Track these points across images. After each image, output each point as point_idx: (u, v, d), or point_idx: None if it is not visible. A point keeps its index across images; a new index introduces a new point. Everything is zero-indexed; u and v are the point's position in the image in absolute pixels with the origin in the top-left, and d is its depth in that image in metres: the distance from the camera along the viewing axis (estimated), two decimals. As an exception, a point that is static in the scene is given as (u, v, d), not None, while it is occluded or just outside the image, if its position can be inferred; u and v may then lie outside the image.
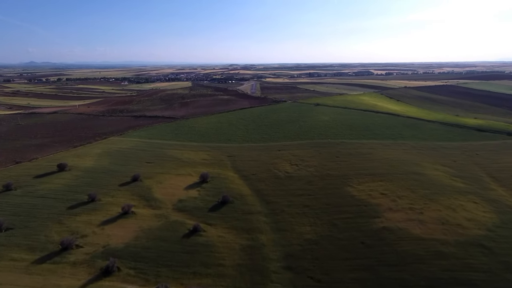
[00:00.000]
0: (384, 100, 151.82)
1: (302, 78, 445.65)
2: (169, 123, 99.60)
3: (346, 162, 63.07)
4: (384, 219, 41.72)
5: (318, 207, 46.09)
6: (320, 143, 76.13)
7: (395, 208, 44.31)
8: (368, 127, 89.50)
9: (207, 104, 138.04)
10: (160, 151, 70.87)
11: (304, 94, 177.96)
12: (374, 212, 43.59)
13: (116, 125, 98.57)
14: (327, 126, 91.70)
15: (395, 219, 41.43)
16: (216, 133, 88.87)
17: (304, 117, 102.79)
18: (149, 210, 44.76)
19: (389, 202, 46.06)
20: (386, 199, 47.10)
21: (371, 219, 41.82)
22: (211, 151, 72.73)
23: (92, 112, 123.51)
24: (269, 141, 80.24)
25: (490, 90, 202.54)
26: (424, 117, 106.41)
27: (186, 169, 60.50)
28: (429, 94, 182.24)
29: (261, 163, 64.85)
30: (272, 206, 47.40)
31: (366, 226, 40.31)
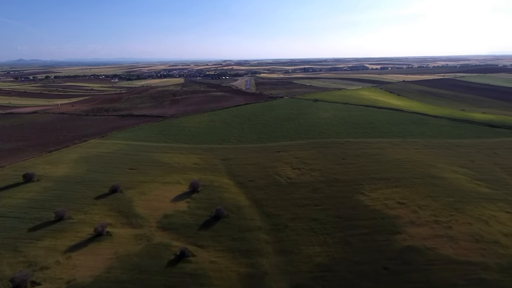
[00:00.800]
0: (385, 94, 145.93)
1: (297, 73, 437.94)
2: (157, 123, 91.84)
3: (354, 164, 56.59)
4: (406, 235, 35.35)
5: (328, 221, 39.54)
6: (323, 142, 69.53)
7: (418, 222, 37.99)
8: (373, 124, 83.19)
9: (199, 101, 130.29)
10: (146, 155, 63.43)
11: (301, 90, 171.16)
12: (393, 227, 37.21)
13: (99, 126, 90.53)
14: (328, 123, 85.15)
15: (420, 235, 35.10)
16: (208, 133, 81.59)
17: (303, 114, 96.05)
18: (128, 230, 37.64)
19: (410, 214, 39.75)
20: (406, 209, 40.78)
21: (392, 236, 35.42)
22: (203, 154, 65.57)
23: (75, 112, 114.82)
24: (267, 141, 73.38)
25: (489, 83, 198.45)
26: (430, 112, 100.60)
27: (175, 176, 53.32)
28: (429, 88, 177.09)
29: (259, 167, 58.02)
30: (274, 220, 40.71)
31: (387, 245, 33.88)
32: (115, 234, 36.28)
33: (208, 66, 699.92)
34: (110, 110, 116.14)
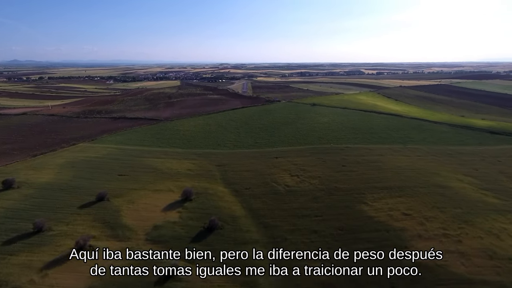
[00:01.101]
0: (383, 99, 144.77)
1: (294, 77, 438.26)
2: (151, 126, 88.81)
3: (355, 172, 54.26)
4: (414, 250, 32.95)
5: (329, 233, 37.00)
6: (322, 148, 67.21)
7: (426, 235, 35.64)
8: (372, 130, 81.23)
9: (194, 104, 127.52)
10: (137, 160, 60.39)
11: (298, 94, 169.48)
12: (400, 240, 34.81)
13: (90, 129, 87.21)
14: (327, 128, 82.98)
15: (429, 250, 32.70)
16: (203, 137, 78.80)
17: (301, 119, 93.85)
18: (113, 243, 34.62)
19: (416, 226, 37.40)
20: (412, 221, 38.44)
21: (399, 251, 32.98)
22: (198, 160, 62.72)
23: (66, 113, 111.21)
24: (264, 147, 70.83)
25: (485, 90, 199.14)
26: (429, 117, 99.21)
27: (166, 183, 50.39)
28: (427, 94, 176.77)
29: (256, 173, 55.37)
30: (272, 231, 38.03)
31: (395, 263, 31.38)
32: (99, 248, 33.21)
33: (205, 69, 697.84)
34: (103, 112, 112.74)
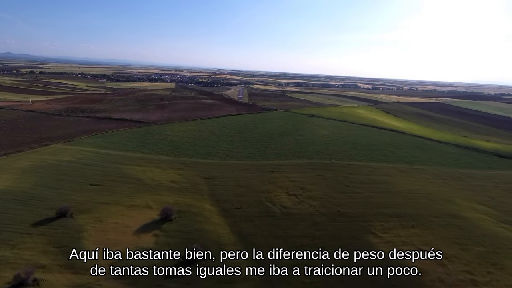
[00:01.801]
0: (381, 114, 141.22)
1: (291, 86, 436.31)
2: (136, 129, 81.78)
3: (360, 194, 48.49)
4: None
5: (333, 274, 30.73)
6: (323, 164, 61.45)
7: (449, 280, 29.77)
8: (375, 146, 76.15)
9: (187, 107, 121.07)
10: (115, 168, 53.33)
11: (295, 103, 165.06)
12: (419, 286, 28.83)
13: (69, 128, 79.68)
14: (327, 142, 77.52)
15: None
16: (193, 144, 72.21)
17: (299, 130, 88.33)
18: (66, 276, 27.57)
19: (437, 267, 31.53)
20: (430, 261, 32.53)
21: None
22: (184, 170, 56.04)
23: (47, 110, 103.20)
24: (259, 158, 64.71)
25: (481, 110, 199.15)
26: (431, 136, 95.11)
27: (145, 197, 43.56)
28: (424, 111, 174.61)
29: (249, 190, 49.04)
30: (266, 266, 31.56)
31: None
32: (46, 283, 26.17)
33: (201, 73, 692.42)
34: (87, 111, 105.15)
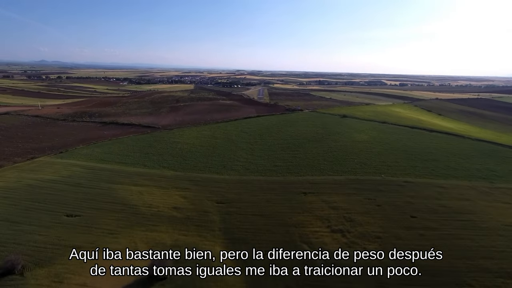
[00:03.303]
0: (424, 113, 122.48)
1: (312, 85, 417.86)
2: (143, 135, 71.35)
3: (436, 231, 33.75)
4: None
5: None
6: (371, 182, 46.95)
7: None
8: (432, 155, 60.22)
9: (203, 109, 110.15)
10: (106, 189, 42.26)
11: (321, 102, 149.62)
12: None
13: (69, 135, 70.91)
14: (369, 149, 62.64)
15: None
16: (205, 154, 60.28)
17: (332, 134, 73.88)
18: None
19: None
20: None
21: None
22: (192, 190, 43.94)
23: (54, 115, 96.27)
24: (286, 173, 51.39)
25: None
26: (496, 140, 76.82)
27: (134, 235, 31.78)
28: (471, 108, 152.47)
29: (276, 221, 35.97)
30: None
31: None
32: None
33: (221, 75, 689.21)
34: (96, 115, 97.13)
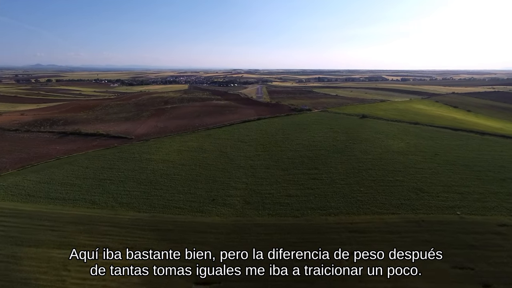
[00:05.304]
0: (452, 110, 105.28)
1: (312, 82, 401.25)
2: (106, 150, 53.38)
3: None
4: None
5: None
6: (448, 228, 29.23)
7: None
8: (506, 170, 42.81)
9: (192, 112, 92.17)
10: (4, 260, 24.56)
11: (329, 100, 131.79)
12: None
13: (6, 153, 53.09)
14: (414, 164, 44.97)
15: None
16: (188, 178, 42.40)
17: (358, 141, 56.14)
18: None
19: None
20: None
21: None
22: (154, 259, 26.07)
23: (6, 125, 77.99)
24: (309, 210, 33.66)
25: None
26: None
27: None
28: (497, 103, 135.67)
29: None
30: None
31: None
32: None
33: (217, 74, 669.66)
34: (59, 123, 79.23)
